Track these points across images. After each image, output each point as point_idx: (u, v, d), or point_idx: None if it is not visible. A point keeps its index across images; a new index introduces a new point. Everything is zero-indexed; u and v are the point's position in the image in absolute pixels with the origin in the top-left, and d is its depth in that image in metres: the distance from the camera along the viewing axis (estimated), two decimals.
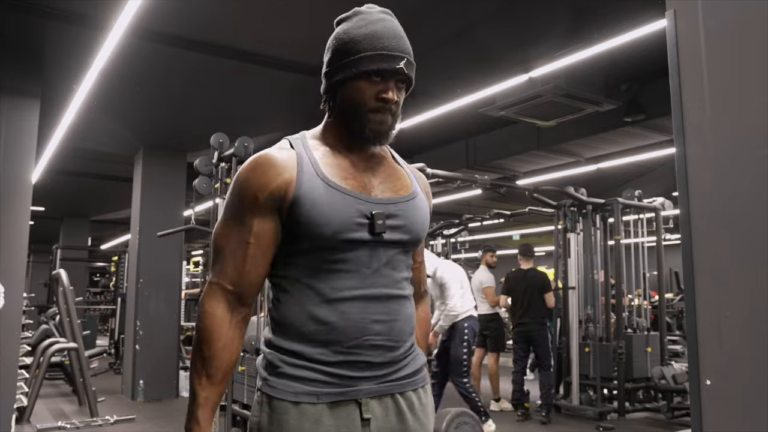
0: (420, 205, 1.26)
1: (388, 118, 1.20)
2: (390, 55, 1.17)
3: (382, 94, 1.18)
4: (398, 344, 1.20)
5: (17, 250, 4.57)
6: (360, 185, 1.20)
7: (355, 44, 1.18)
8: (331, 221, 1.13)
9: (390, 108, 1.19)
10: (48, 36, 4.60)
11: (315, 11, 4.09)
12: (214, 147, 4.82)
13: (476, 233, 13.29)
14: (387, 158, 1.30)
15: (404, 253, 1.25)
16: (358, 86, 1.18)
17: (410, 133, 6.57)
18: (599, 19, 4.37)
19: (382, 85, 1.18)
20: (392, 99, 1.18)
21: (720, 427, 1.64)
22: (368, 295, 1.17)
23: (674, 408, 5.73)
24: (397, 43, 1.19)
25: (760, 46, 1.63)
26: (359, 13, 1.23)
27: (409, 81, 1.23)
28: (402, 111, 1.26)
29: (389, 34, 1.19)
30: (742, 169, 1.66)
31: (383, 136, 1.21)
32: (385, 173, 1.26)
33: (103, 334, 14.21)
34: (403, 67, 1.19)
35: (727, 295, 1.65)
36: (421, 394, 1.25)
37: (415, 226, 1.23)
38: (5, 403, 4.45)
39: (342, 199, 1.15)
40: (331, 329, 1.14)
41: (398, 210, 1.21)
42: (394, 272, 1.21)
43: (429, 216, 1.30)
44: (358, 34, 1.19)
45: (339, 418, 1.14)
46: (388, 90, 1.18)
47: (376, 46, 1.17)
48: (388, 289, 1.20)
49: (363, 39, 1.18)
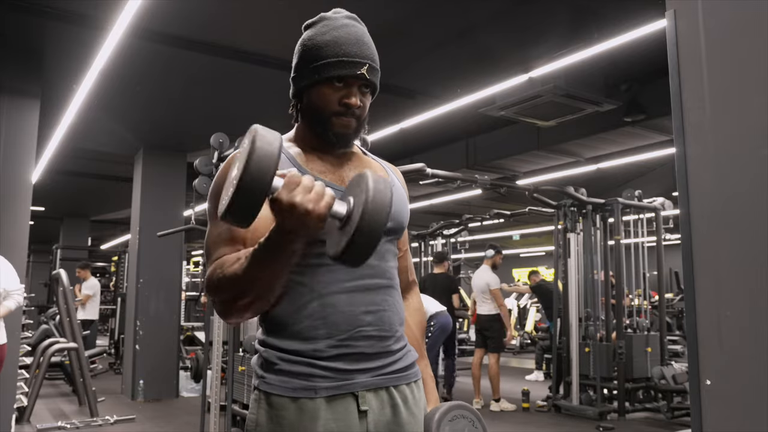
0: (399, 194, 1.29)
1: (351, 122, 1.22)
2: (351, 61, 1.20)
3: (345, 100, 1.20)
4: (389, 333, 1.22)
5: (17, 250, 4.57)
6: (338, 178, 1.24)
7: (318, 50, 1.21)
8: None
9: (353, 112, 1.21)
10: (48, 36, 4.60)
11: (315, 11, 4.09)
12: (214, 147, 4.82)
13: (476, 233, 13.29)
14: (358, 154, 1.34)
15: (390, 242, 1.27)
16: (322, 92, 1.21)
17: (410, 133, 6.57)
18: (599, 19, 4.37)
19: (345, 90, 1.20)
20: (354, 104, 1.20)
21: (720, 427, 1.64)
22: (357, 286, 1.19)
23: (674, 408, 5.73)
24: (359, 48, 1.21)
25: (760, 46, 1.63)
26: (324, 19, 1.26)
27: (373, 85, 1.25)
28: (402, 111, 1.26)
29: (351, 41, 1.21)
30: (742, 169, 1.66)
31: (346, 139, 1.24)
32: (360, 167, 1.29)
33: (103, 334, 14.20)
34: (365, 73, 1.20)
35: (727, 295, 1.65)
36: (414, 388, 1.26)
37: (396, 213, 1.25)
38: (5, 403, 4.45)
39: None
40: (324, 323, 1.16)
41: None
42: (381, 262, 1.23)
43: (408, 206, 1.34)
44: (321, 41, 1.22)
45: (337, 412, 1.15)
46: (351, 95, 1.20)
47: (338, 52, 1.20)
48: (376, 279, 1.21)
49: (325, 45, 1.21)
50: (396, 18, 4.32)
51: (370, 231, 0.95)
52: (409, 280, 1.44)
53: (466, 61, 5.06)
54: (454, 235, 9.44)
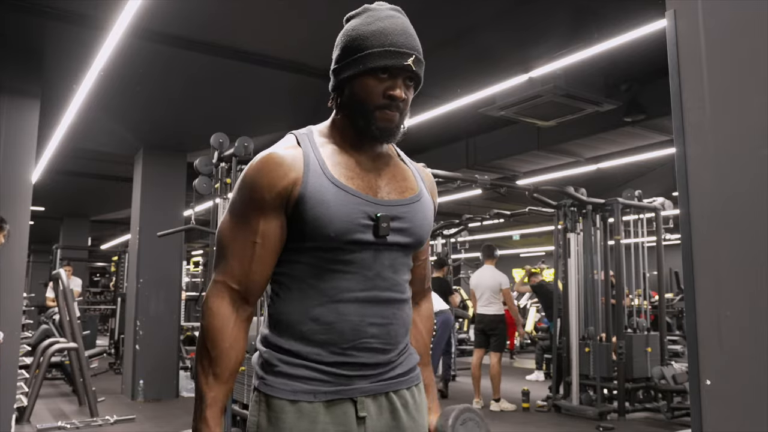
0: (425, 207, 1.26)
1: (395, 116, 1.18)
2: (398, 51, 1.16)
3: (390, 91, 1.16)
4: (392, 347, 1.21)
5: (17, 250, 4.57)
6: (366, 186, 1.19)
7: (363, 41, 1.17)
8: (336, 222, 1.13)
9: (398, 105, 1.18)
10: (48, 36, 4.60)
11: (315, 11, 4.09)
12: (214, 147, 4.83)
13: (476, 233, 13.29)
14: (393, 158, 1.29)
15: (406, 256, 1.25)
16: (366, 83, 1.17)
17: (410, 133, 6.53)
18: (599, 19, 4.37)
19: (390, 82, 1.17)
20: (400, 96, 1.16)
21: (720, 427, 1.64)
22: (368, 297, 1.17)
23: (674, 408, 5.73)
24: (405, 39, 1.18)
25: (760, 46, 1.63)
26: (368, 10, 1.22)
27: (417, 78, 1.21)
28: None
29: (397, 31, 1.18)
30: (742, 169, 1.66)
31: (390, 134, 1.20)
32: (391, 173, 1.25)
33: (103, 334, 14.21)
34: (411, 64, 1.17)
35: (727, 295, 1.65)
36: (415, 392, 1.26)
37: (419, 228, 1.23)
38: (5, 403, 4.45)
39: (348, 200, 1.15)
40: (329, 329, 1.15)
41: (403, 212, 1.21)
42: (396, 275, 1.21)
43: (433, 215, 1.30)
44: (366, 31, 1.17)
45: (335, 417, 1.15)
46: (396, 87, 1.17)
47: (384, 42, 1.16)
48: (388, 292, 1.20)
49: (371, 35, 1.16)
50: None
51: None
52: (425, 287, 1.42)
53: (466, 61, 5.06)
54: (454, 235, 9.45)
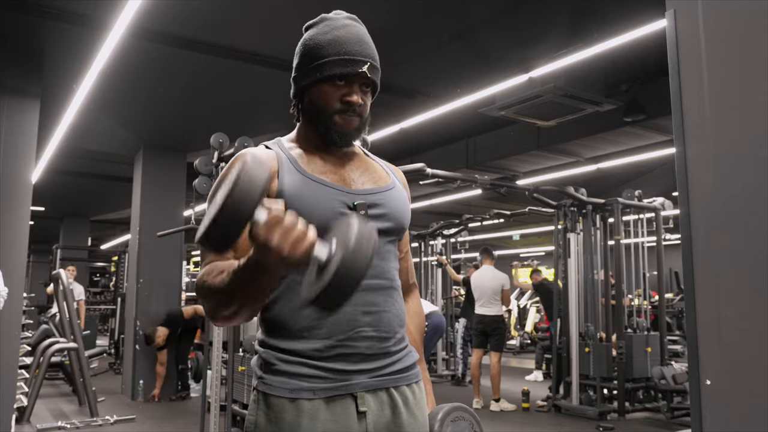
0: (400, 195, 1.31)
1: (353, 120, 1.23)
2: (353, 59, 1.21)
3: (347, 98, 1.21)
4: (388, 335, 1.21)
5: (17, 250, 4.57)
6: (340, 179, 1.24)
7: (320, 49, 1.22)
8: (316, 214, 1.14)
9: (355, 110, 1.22)
10: (48, 36, 4.60)
11: (315, 11, 4.08)
12: (214, 147, 4.82)
13: (476, 233, 13.29)
14: (360, 155, 1.34)
15: (391, 243, 1.27)
16: (323, 90, 1.22)
17: (410, 133, 6.57)
18: (599, 19, 4.37)
19: (346, 88, 1.22)
20: (357, 101, 1.21)
21: (720, 427, 1.64)
22: None
23: (674, 408, 5.73)
24: (360, 47, 1.23)
25: (760, 46, 1.63)
26: (325, 20, 1.28)
27: (374, 84, 1.26)
28: (402, 111, 1.26)
29: (352, 39, 1.23)
30: (742, 169, 1.66)
31: (348, 137, 1.25)
32: (362, 168, 1.30)
33: (103, 334, 14.20)
34: (366, 71, 1.22)
35: (727, 295, 1.65)
36: (415, 389, 1.26)
37: (397, 213, 1.27)
38: (5, 403, 4.45)
39: (324, 192, 1.19)
40: (323, 323, 1.16)
41: (379, 199, 1.25)
42: (383, 262, 1.23)
43: (409, 207, 1.34)
44: (322, 40, 1.23)
45: (335, 413, 1.15)
46: (352, 93, 1.22)
47: (339, 51, 1.21)
48: (377, 279, 1.21)
49: (327, 44, 1.22)
50: (396, 18, 4.32)
51: (348, 280, 0.90)
52: (410, 282, 1.43)
53: (466, 61, 5.06)
54: (454, 235, 9.44)
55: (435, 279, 9.28)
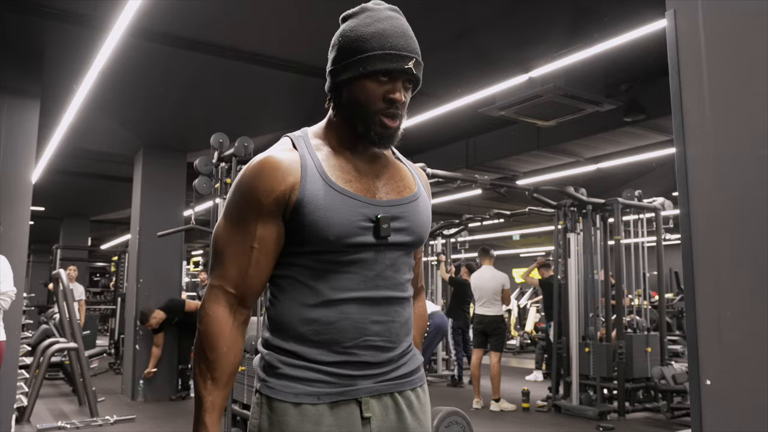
0: (423, 205, 1.25)
1: (396, 120, 1.17)
2: (399, 54, 1.14)
3: (390, 95, 1.14)
4: (394, 345, 1.20)
5: (17, 250, 4.57)
6: (364, 188, 1.18)
7: (363, 42, 1.14)
8: (335, 225, 1.12)
9: (398, 108, 1.16)
10: (48, 36, 4.60)
11: (315, 11, 4.09)
12: (214, 147, 4.83)
13: (476, 233, 13.29)
14: (389, 158, 1.28)
15: (407, 255, 1.24)
16: (366, 86, 1.14)
17: (410, 133, 6.53)
18: (599, 19, 4.37)
19: (390, 85, 1.15)
20: (400, 99, 1.15)
21: (720, 427, 1.64)
22: (369, 297, 1.16)
23: (674, 408, 5.73)
24: (405, 42, 1.16)
25: (760, 46, 1.63)
26: (367, 10, 1.19)
27: (416, 81, 1.20)
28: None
29: (397, 33, 1.15)
30: (742, 169, 1.66)
31: (389, 139, 1.18)
32: (388, 174, 1.24)
33: (103, 334, 14.20)
34: (412, 67, 1.15)
35: (727, 295, 1.65)
36: (420, 393, 1.25)
37: (419, 227, 1.22)
38: (5, 403, 4.45)
39: (346, 203, 1.14)
40: (331, 329, 1.14)
41: (402, 212, 1.20)
42: (397, 274, 1.20)
43: (430, 215, 1.29)
44: (365, 32, 1.15)
45: (339, 418, 1.14)
46: (396, 90, 1.15)
47: (384, 45, 1.13)
48: (390, 291, 1.19)
49: (371, 37, 1.14)
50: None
51: None
52: (418, 286, 1.41)
53: (466, 61, 5.06)
54: (454, 235, 9.43)
55: (435, 279, 9.28)
